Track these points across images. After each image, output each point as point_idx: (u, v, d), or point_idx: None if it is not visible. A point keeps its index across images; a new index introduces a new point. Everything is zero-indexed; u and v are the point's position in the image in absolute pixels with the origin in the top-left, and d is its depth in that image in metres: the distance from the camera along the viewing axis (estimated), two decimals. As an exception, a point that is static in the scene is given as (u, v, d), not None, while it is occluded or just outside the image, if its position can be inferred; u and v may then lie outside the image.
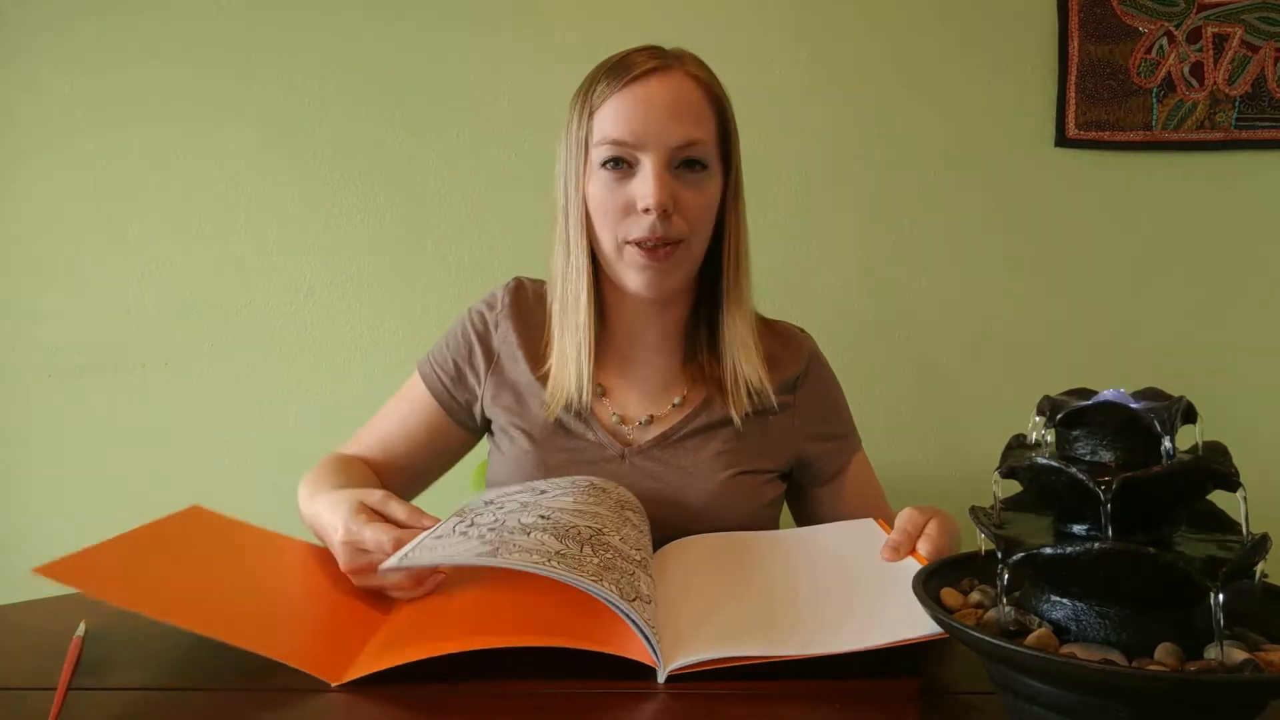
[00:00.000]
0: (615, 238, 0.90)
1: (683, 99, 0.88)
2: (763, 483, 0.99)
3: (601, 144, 0.88)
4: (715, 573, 0.78)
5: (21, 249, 1.60)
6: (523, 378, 0.99)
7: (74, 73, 1.57)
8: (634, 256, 0.89)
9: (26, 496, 1.62)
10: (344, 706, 0.61)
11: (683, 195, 0.89)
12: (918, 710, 0.60)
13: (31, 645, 0.73)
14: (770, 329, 1.05)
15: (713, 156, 0.91)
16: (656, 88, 0.88)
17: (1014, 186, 1.56)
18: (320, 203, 1.59)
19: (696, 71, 0.91)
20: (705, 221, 0.92)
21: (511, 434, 0.99)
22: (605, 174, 0.89)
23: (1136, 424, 0.52)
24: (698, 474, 0.95)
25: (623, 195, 0.88)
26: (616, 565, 0.68)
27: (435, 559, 0.68)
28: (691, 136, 0.88)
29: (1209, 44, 1.52)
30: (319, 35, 1.57)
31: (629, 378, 1.00)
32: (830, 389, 1.06)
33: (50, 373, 1.61)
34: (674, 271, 0.91)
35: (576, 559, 0.67)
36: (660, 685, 0.62)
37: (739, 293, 0.96)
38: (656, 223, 0.87)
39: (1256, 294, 1.56)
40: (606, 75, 0.90)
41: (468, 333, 1.02)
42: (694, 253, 0.92)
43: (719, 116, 0.92)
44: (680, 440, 0.97)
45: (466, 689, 0.62)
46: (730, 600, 0.71)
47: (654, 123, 0.87)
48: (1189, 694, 0.46)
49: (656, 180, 0.86)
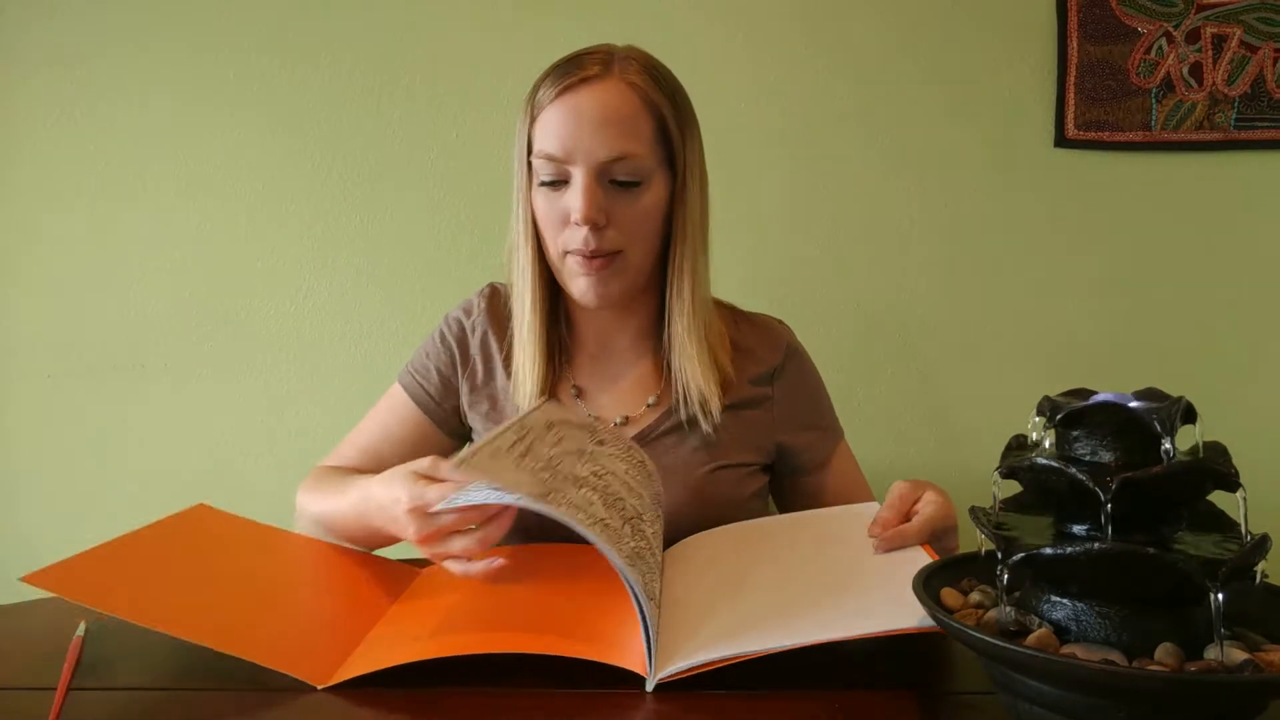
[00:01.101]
0: (557, 247, 0.92)
1: (614, 111, 0.88)
2: (744, 475, 0.99)
3: (537, 157, 0.90)
4: (711, 574, 0.78)
5: (19, 250, 1.60)
6: (499, 381, 1.01)
7: (73, 73, 1.57)
8: (574, 266, 0.91)
9: (26, 497, 1.62)
10: (344, 706, 0.61)
11: (616, 208, 0.89)
12: (918, 710, 0.60)
13: (31, 645, 0.73)
14: (747, 322, 1.06)
15: (650, 166, 0.91)
16: (588, 100, 0.88)
17: (1013, 186, 1.56)
18: (320, 203, 1.59)
19: (636, 79, 0.90)
20: (643, 232, 0.92)
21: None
22: (544, 188, 0.91)
23: (1136, 424, 0.52)
24: (676, 472, 0.95)
25: (560, 207, 0.90)
26: (645, 558, 0.68)
27: (489, 496, 0.65)
28: (620, 150, 0.88)
29: (1208, 44, 1.52)
30: (319, 34, 1.57)
31: (602, 378, 1.01)
32: (809, 381, 1.06)
33: (49, 374, 1.61)
34: (612, 281, 0.92)
35: (617, 534, 0.65)
36: (651, 690, 0.62)
37: (682, 299, 0.95)
38: (589, 235, 0.88)
39: (1256, 294, 1.56)
40: (550, 77, 0.91)
41: (446, 339, 1.04)
42: (634, 263, 0.92)
43: (658, 125, 0.91)
44: (656, 439, 0.97)
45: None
46: (723, 601, 0.71)
47: (584, 137, 0.87)
48: (1189, 694, 0.46)
49: (585, 194, 0.87)
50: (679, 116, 0.93)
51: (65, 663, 0.64)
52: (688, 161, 0.94)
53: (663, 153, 0.92)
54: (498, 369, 1.02)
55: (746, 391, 1.00)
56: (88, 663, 0.66)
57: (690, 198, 0.95)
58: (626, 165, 0.89)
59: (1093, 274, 1.57)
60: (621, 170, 0.89)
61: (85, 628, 0.70)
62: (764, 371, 1.02)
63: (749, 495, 0.99)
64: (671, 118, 0.92)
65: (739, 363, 1.00)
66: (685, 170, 0.94)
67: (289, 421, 1.60)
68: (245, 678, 0.64)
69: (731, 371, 0.98)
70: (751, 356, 1.02)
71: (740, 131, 1.55)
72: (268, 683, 0.63)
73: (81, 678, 0.64)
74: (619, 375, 1.01)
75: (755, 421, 1.00)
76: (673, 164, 0.94)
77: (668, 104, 0.92)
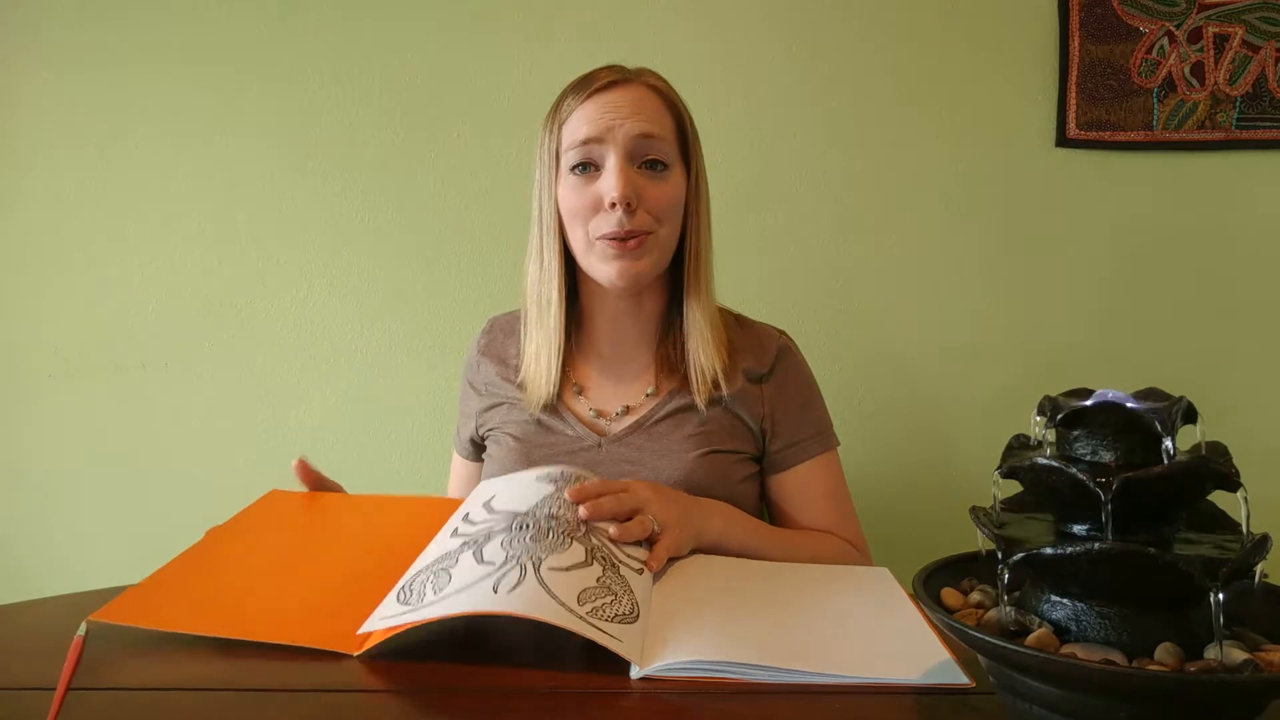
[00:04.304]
0: (586, 235, 0.98)
1: (641, 102, 0.97)
2: (734, 462, 1.03)
3: (570, 148, 0.97)
4: (723, 590, 0.78)
5: (22, 249, 1.60)
6: (505, 392, 1.10)
7: (74, 73, 1.57)
8: (605, 249, 0.97)
9: (27, 496, 1.62)
10: (343, 707, 0.61)
11: (646, 189, 0.96)
12: (918, 710, 0.60)
13: (31, 645, 0.73)
14: (747, 326, 1.11)
15: (673, 155, 0.99)
16: (617, 93, 0.97)
17: (1014, 186, 1.56)
18: (320, 203, 1.59)
19: (655, 83, 1.00)
20: (671, 214, 0.99)
21: (499, 439, 1.08)
22: (574, 178, 0.97)
23: (1137, 424, 0.52)
24: (670, 455, 1.01)
25: (591, 194, 0.96)
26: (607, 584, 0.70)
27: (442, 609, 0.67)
28: (650, 130, 0.96)
29: (1210, 44, 1.52)
30: (319, 35, 1.57)
31: (606, 374, 1.08)
32: (799, 385, 1.09)
33: (51, 372, 1.61)
34: (643, 259, 0.97)
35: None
36: (656, 678, 0.62)
37: (697, 287, 1.02)
38: (623, 217, 0.94)
39: (1257, 294, 1.56)
40: (572, 91, 0.99)
41: (464, 387, 1.17)
42: (662, 242, 0.99)
43: (676, 121, 1.00)
44: (653, 425, 1.03)
45: (467, 687, 0.63)
46: (729, 613, 0.72)
47: (615, 119, 0.95)
48: (1189, 694, 0.46)
49: (619, 174, 0.94)
50: (690, 122, 1.03)
51: (65, 663, 0.64)
52: (699, 165, 1.04)
53: (680, 150, 1.01)
54: (500, 384, 1.11)
55: (740, 386, 1.04)
56: (88, 663, 0.66)
57: (701, 196, 1.04)
58: (655, 145, 0.97)
59: (1094, 274, 1.57)
60: (652, 149, 0.97)
61: (85, 628, 0.70)
62: (757, 371, 1.06)
63: (739, 480, 1.03)
64: (687, 121, 1.02)
65: (734, 361, 1.05)
66: (697, 171, 1.03)
67: (289, 421, 1.60)
68: (245, 678, 0.64)
69: (729, 364, 1.04)
70: (747, 357, 1.06)
71: (738, 130, 1.55)
72: (267, 683, 0.64)
73: (81, 678, 0.64)
74: (622, 369, 1.07)
75: (745, 415, 1.05)
76: (687, 163, 1.02)
77: (683, 109, 1.03)
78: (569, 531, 0.76)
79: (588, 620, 0.65)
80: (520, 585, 0.67)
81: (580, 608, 0.66)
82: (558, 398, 1.05)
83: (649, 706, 0.60)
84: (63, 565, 1.60)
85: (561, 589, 0.67)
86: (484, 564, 0.71)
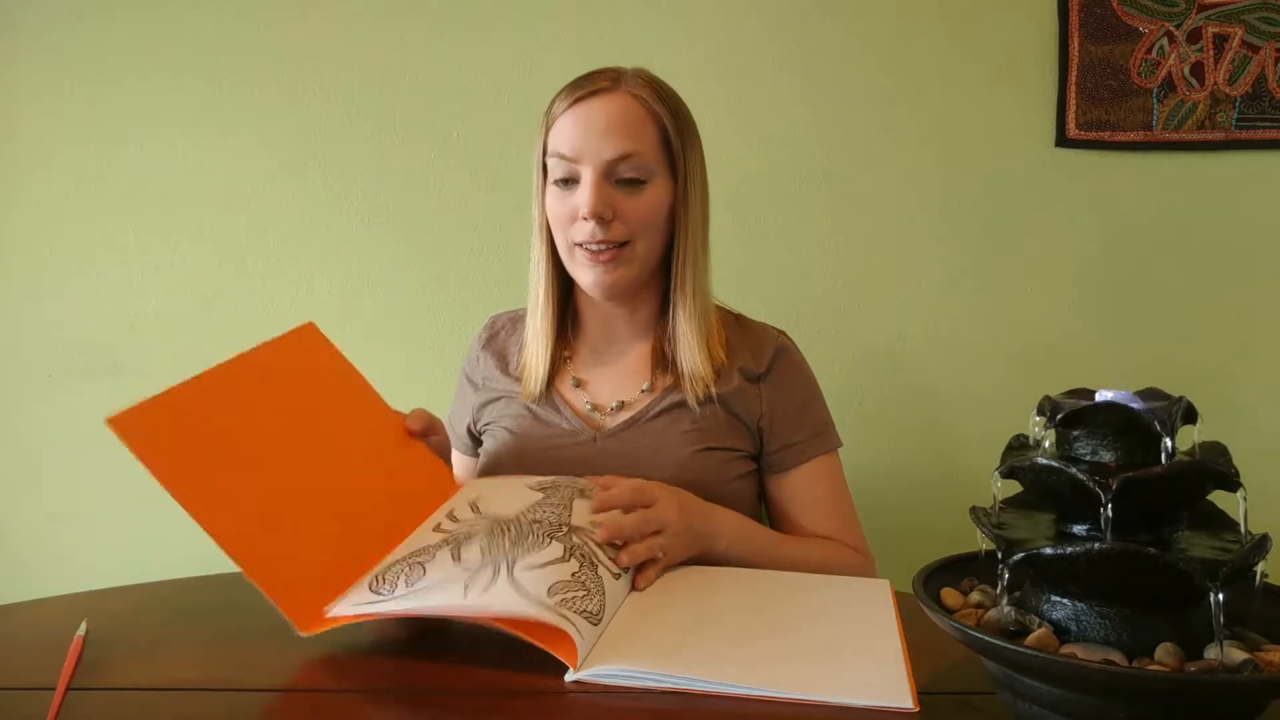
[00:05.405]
0: (567, 241, 1.00)
1: (619, 118, 0.97)
2: (729, 459, 1.03)
3: (551, 156, 1.00)
4: (695, 603, 0.77)
5: (23, 251, 1.60)
6: (502, 386, 1.10)
7: (74, 76, 1.57)
8: (582, 258, 1.00)
9: (27, 498, 1.62)
10: (343, 707, 0.61)
11: (622, 203, 0.98)
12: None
13: (31, 645, 0.73)
14: (746, 326, 1.11)
15: (654, 167, 0.99)
16: (597, 108, 0.97)
17: (1014, 186, 1.56)
18: (320, 204, 1.59)
19: (641, 92, 1.00)
20: (648, 226, 1.00)
21: (495, 433, 1.09)
22: (555, 187, 1.00)
23: (1137, 424, 0.52)
24: (664, 451, 1.01)
25: (569, 204, 0.99)
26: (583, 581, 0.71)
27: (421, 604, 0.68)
28: (624, 150, 0.97)
29: (1209, 44, 1.52)
30: (319, 36, 1.57)
31: (603, 368, 1.08)
32: (798, 384, 1.08)
33: (51, 374, 1.61)
34: (619, 269, 0.99)
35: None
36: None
37: (685, 292, 1.03)
38: (596, 228, 0.96)
39: (1257, 294, 1.56)
40: (564, 92, 1.01)
41: (462, 382, 1.17)
42: (641, 254, 1.00)
43: (660, 133, 1.00)
44: (648, 421, 1.03)
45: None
46: (684, 629, 0.70)
47: (592, 139, 0.97)
48: (1189, 694, 0.46)
49: (593, 191, 0.96)
50: (680, 127, 1.02)
51: (65, 663, 0.64)
52: (689, 170, 1.02)
53: (665, 158, 1.01)
54: (498, 377, 1.11)
55: (736, 384, 1.04)
56: (88, 663, 0.66)
57: (691, 201, 1.03)
58: (630, 163, 0.97)
59: (1093, 274, 1.57)
60: (626, 168, 0.97)
61: (85, 628, 0.70)
62: (754, 370, 1.06)
63: (734, 477, 1.03)
64: (673, 128, 1.01)
65: (732, 359, 1.05)
66: (686, 177, 1.02)
67: (290, 421, 1.60)
68: (244, 678, 0.64)
69: (725, 362, 1.04)
70: (745, 355, 1.06)
71: (738, 133, 1.55)
72: (267, 683, 0.64)
73: (81, 678, 0.64)
74: (618, 365, 1.08)
75: (741, 414, 1.04)
76: (674, 170, 1.02)
77: (669, 116, 1.01)
78: (549, 532, 0.76)
79: (555, 610, 0.65)
80: (491, 587, 0.67)
81: (550, 599, 0.66)
82: (556, 390, 1.06)
83: (578, 705, 0.60)
84: (63, 565, 1.60)
85: (532, 585, 0.68)
86: (459, 564, 0.71)
